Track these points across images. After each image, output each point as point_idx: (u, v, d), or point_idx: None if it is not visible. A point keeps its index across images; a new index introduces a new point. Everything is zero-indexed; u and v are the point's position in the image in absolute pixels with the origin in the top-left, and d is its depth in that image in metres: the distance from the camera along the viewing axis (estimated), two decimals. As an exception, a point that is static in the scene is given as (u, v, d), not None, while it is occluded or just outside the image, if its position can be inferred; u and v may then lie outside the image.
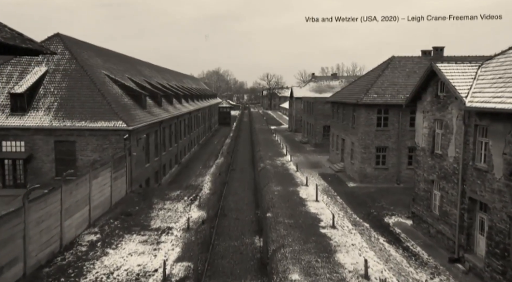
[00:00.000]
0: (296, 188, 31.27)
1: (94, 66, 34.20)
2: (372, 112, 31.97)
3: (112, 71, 38.09)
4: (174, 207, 25.01)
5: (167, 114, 41.13)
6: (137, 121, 30.80)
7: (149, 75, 52.53)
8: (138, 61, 54.78)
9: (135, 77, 44.01)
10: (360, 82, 38.02)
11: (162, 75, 63.65)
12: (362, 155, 32.38)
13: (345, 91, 41.11)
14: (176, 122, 46.57)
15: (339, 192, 29.89)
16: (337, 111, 41.02)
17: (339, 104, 40.13)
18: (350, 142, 35.85)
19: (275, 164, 42.49)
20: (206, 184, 32.12)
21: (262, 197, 27.92)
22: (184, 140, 50.91)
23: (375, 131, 32.13)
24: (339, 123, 40.09)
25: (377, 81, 33.59)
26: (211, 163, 42.97)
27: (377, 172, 32.45)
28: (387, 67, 35.18)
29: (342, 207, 26.00)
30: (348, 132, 36.46)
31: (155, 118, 35.71)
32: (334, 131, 42.62)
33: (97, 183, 22.39)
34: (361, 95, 32.53)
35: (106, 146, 28.58)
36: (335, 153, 41.96)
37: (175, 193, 28.65)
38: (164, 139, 40.19)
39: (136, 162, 30.28)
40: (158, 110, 39.52)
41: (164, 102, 44.79)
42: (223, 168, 35.94)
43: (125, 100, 33.31)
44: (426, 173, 20.09)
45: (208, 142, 65.79)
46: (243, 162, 44.28)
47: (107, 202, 24.03)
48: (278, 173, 37.33)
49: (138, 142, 30.78)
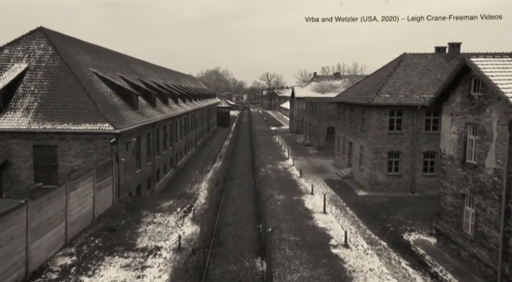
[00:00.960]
0: (300, 197, 28.49)
1: (80, 63, 31.37)
2: (384, 113, 29.19)
3: (102, 69, 35.28)
4: (165, 221, 22.20)
5: (162, 115, 38.35)
6: (126, 123, 28.02)
7: (143, 74, 49.72)
8: (132, 59, 51.94)
9: (128, 75, 41.22)
10: (369, 81, 35.25)
11: (158, 74, 60.84)
12: (372, 161, 29.60)
13: (352, 91, 38.35)
14: (172, 123, 43.80)
15: (349, 202, 27.11)
16: (344, 113, 38.24)
17: (346, 105, 37.36)
18: (358, 146, 33.08)
19: (277, 169, 39.71)
20: (202, 193, 29.33)
21: (264, 208, 25.18)
22: (180, 143, 48.14)
23: (387, 135, 29.35)
24: (346, 125, 37.31)
25: (389, 80, 30.82)
26: (208, 168, 40.21)
27: (389, 179, 29.66)
28: (399, 65, 32.40)
29: (354, 221, 23.21)
30: (356, 135, 33.68)
31: (147, 120, 32.93)
32: (340, 134, 39.84)
33: (76, 195, 19.59)
34: (371, 95, 29.76)
35: (90, 151, 25.79)
36: (341, 157, 39.19)
37: (167, 203, 25.85)
38: (158, 142, 37.42)
39: (125, 168, 27.50)
40: (151, 111, 36.75)
41: (158, 102, 42.01)
42: (221, 175, 33.14)
43: (114, 100, 30.52)
44: (455, 186, 17.32)
45: (206, 144, 63.02)
46: (243, 166, 41.50)
47: (89, 216, 21.23)
48: (280, 180, 34.54)
49: (127, 146, 27.99)
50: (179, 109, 49.21)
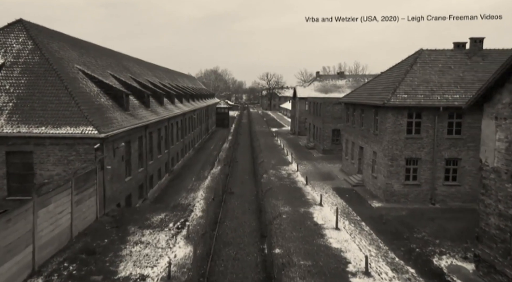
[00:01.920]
0: (308, 209, 25.50)
1: (65, 60, 28.34)
2: (402, 116, 26.19)
3: (90, 66, 32.27)
4: (155, 240, 19.18)
5: (156, 116, 35.35)
6: (114, 126, 25.03)
7: (137, 72, 46.69)
8: (125, 57, 48.89)
9: (120, 73, 38.22)
10: (382, 80, 32.26)
11: (154, 72, 57.82)
12: (388, 169, 26.59)
13: (362, 90, 35.35)
14: (167, 125, 40.82)
15: (363, 216, 24.10)
16: (353, 114, 35.24)
17: (355, 106, 34.37)
18: (371, 151, 30.08)
19: (280, 175, 36.72)
20: (199, 204, 26.30)
21: (268, 223, 22.21)
22: (176, 145, 45.16)
23: (405, 139, 26.35)
24: (355, 128, 34.31)
25: (406, 79, 27.83)
26: (206, 174, 37.18)
27: (406, 189, 26.65)
28: (416, 62, 29.41)
29: (372, 240, 20.20)
30: (368, 140, 30.69)
31: (139, 122, 29.95)
32: (348, 137, 36.85)
33: (48, 212, 16.58)
34: (387, 95, 26.76)
35: (72, 158, 22.78)
36: (349, 163, 36.19)
37: (158, 217, 22.84)
38: (151, 145, 34.43)
39: (112, 176, 24.51)
40: (144, 112, 33.75)
41: (153, 102, 39.02)
42: (219, 183, 30.10)
43: (101, 100, 27.51)
44: (503, 205, 14.35)
45: (205, 146, 60.00)
46: (243, 172, 38.49)
47: (65, 235, 18.21)
48: (284, 188, 31.55)
49: (115, 151, 24.98)
50: (176, 109, 46.23)
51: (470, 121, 25.83)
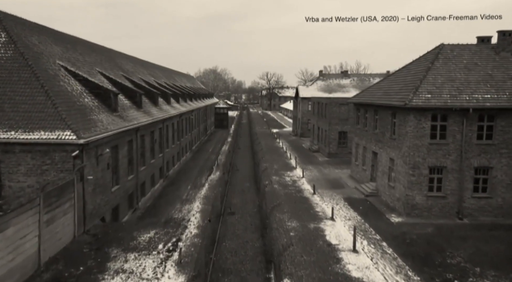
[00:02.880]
0: (319, 225, 22.37)
1: (44, 55, 25.16)
2: (425, 118, 23.06)
3: (75, 62, 29.11)
4: (140, 268, 16.03)
5: (148, 118, 32.23)
6: (97, 130, 21.91)
7: (131, 71, 43.54)
8: (118, 54, 45.69)
9: (110, 71, 35.08)
10: (398, 78, 29.13)
11: (149, 71, 54.67)
12: (409, 178, 23.46)
13: (375, 89, 32.20)
14: (162, 127, 37.70)
15: (383, 234, 20.95)
16: (365, 116, 32.12)
17: (367, 107, 31.24)
18: (386, 157, 26.96)
19: (284, 182, 33.58)
20: (194, 218, 23.13)
21: (274, 242, 19.12)
22: (172, 149, 42.04)
23: (428, 145, 23.23)
24: (368, 131, 31.19)
25: (427, 76, 24.71)
26: (203, 181, 34.01)
27: (430, 201, 23.52)
28: (437, 58, 26.30)
29: (398, 266, 17.04)
30: (384, 145, 27.56)
31: (129, 124, 26.85)
32: (359, 141, 33.72)
33: (5, 238, 13.46)
34: (407, 95, 23.62)
35: (46, 168, 19.66)
36: (360, 169, 33.07)
37: (147, 236, 19.69)
38: (143, 150, 31.32)
39: (94, 187, 21.39)
40: (135, 113, 30.65)
41: (146, 102, 35.93)
42: (219, 195, 26.97)
43: (85, 100, 24.36)
44: None
45: (203, 148, 56.83)
46: (243, 179, 35.34)
47: (31, 263, 15.08)
48: (290, 197, 28.42)
49: (98, 159, 21.86)
50: (171, 110, 43.12)
51: (503, 124, 22.73)
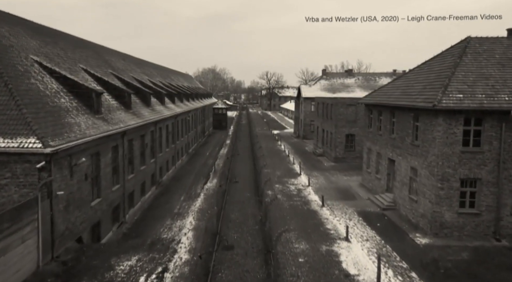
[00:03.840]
0: (332, 247, 19.02)
1: (15, 48, 21.78)
2: (456, 122, 19.73)
3: (54, 58, 25.75)
4: (113, 313, 12.72)
5: (138, 120, 28.94)
6: (73, 135, 18.58)
7: (121, 68, 40.17)
8: (109, 51, 42.26)
9: (97, 68, 31.73)
10: (419, 77, 25.79)
11: (143, 69, 51.28)
12: (437, 192, 20.12)
13: (389, 89, 28.85)
14: (154, 130, 34.41)
15: (410, 260, 17.58)
16: (378, 118, 28.79)
17: (382, 108, 27.92)
18: (407, 166, 23.63)
19: (288, 191, 30.25)
20: (185, 238, 19.75)
21: (280, 272, 15.80)
22: (166, 153, 38.72)
23: (460, 154, 19.90)
24: (383, 136, 27.86)
25: (456, 74, 21.39)
26: (199, 190, 30.62)
27: (461, 219, 20.19)
28: (465, 52, 22.99)
29: (438, 309, 13.77)
30: (403, 151, 24.23)
31: (114, 128, 23.60)
32: (371, 146, 30.38)
33: None
34: (435, 95, 20.29)
35: (5, 182, 16.35)
36: (373, 177, 29.73)
37: (127, 264, 16.34)
38: (131, 156, 28.02)
39: (68, 203, 18.04)
40: (123, 115, 27.35)
41: (137, 103, 32.62)
42: (213, 217, 23.60)
43: (61, 101, 21.00)
44: None
45: (200, 151, 53.44)
46: (243, 188, 31.97)
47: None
48: (296, 210, 25.11)
49: (72, 169, 18.52)
50: (166, 111, 39.82)
51: (549, 129, 19.47)
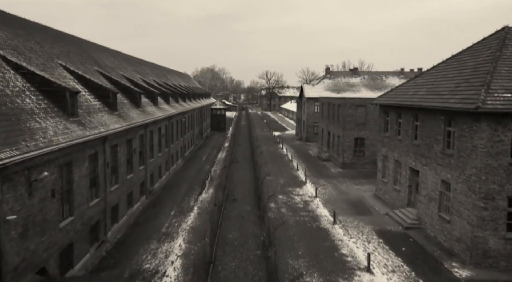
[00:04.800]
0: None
1: (-31, 38, 18.27)
2: (503, 128, 16.17)
3: (25, 52, 22.15)
4: None
5: (124, 123, 25.41)
6: (33, 143, 15.01)
7: (110, 66, 36.56)
8: (96, 46, 38.53)
9: (80, 65, 28.15)
10: (449, 73, 22.17)
11: (136, 67, 47.68)
12: (479, 212, 16.55)
13: (410, 87, 25.23)
14: (144, 133, 30.89)
15: (453, 303, 14.07)
16: (397, 121, 25.23)
17: (402, 110, 24.35)
18: (435, 179, 20.05)
19: (293, 203, 26.65)
20: (172, 269, 16.10)
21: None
22: (158, 158, 35.20)
23: (508, 166, 16.35)
24: (402, 142, 24.27)
25: (498, 69, 17.84)
26: (192, 202, 27.01)
27: (510, 246, 16.64)
28: (504, 44, 19.42)
29: None
30: (431, 161, 20.64)
31: (92, 133, 20.04)
32: (388, 153, 26.80)
33: None
34: (476, 94, 16.71)
35: None
36: (390, 188, 26.15)
37: (95, 310, 12.78)
38: (116, 164, 24.52)
39: (25, 229, 14.45)
40: (106, 118, 23.82)
41: (124, 104, 29.08)
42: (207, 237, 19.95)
43: (26, 101, 17.42)
44: None
45: (196, 154, 49.84)
46: (243, 201, 28.33)
47: None
48: (303, 228, 21.52)
49: (32, 186, 14.93)
50: (158, 112, 36.25)
51: None
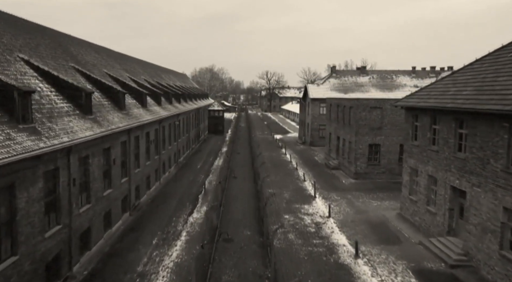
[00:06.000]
0: None
1: None
2: None
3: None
4: None
5: (98, 129, 20.85)
6: None
7: (92, 63, 31.94)
8: (78, 41, 33.53)
9: (50, 60, 23.58)
10: (497, 67, 17.60)
11: (125, 66, 43.02)
12: None
13: (446, 85, 20.58)
14: (127, 140, 26.42)
15: None
16: (431, 127, 20.63)
17: (440, 113, 19.76)
18: (494, 205, 15.41)
19: (302, 227, 22.02)
20: None
21: None
22: (146, 168, 30.72)
23: None
24: (441, 153, 19.63)
25: None
26: (180, 226, 22.28)
27: None
28: None
29: None
30: (486, 181, 15.99)
31: (47, 145, 15.53)
32: (418, 166, 22.18)
33: None
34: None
35: None
36: (421, 209, 21.52)
37: None
38: (86, 179, 20.02)
39: None
40: (73, 124, 19.33)
41: (104, 106, 24.66)
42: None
43: None
44: None
45: (191, 161, 45.22)
46: (242, 220, 23.64)
47: None
48: (318, 265, 16.89)
49: None
50: (147, 115, 31.72)
51: None
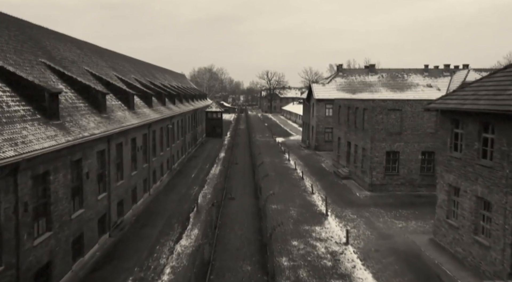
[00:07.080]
0: None
1: None
2: None
3: None
4: None
5: (64, 138, 16.84)
6: None
7: (71, 60, 27.77)
8: (56, 35, 29.20)
9: (12, 54, 19.48)
10: None
11: (112, 63, 38.84)
12: None
13: (501, 84, 16.41)
14: (106, 148, 22.29)
15: None
16: (478, 137, 16.42)
17: (491, 118, 15.57)
18: None
19: (315, 258, 17.74)
20: None
21: None
22: (132, 178, 26.72)
23: None
24: (495, 170, 15.33)
25: None
26: (163, 258, 17.95)
27: None
28: None
29: None
30: None
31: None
32: (459, 182, 17.93)
33: None
34: None
35: None
36: (466, 238, 17.26)
37: None
38: (46, 201, 15.93)
39: None
40: (27, 132, 15.25)
41: (80, 109, 20.64)
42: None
43: None
44: None
45: (186, 168, 40.95)
46: (240, 250, 19.37)
47: None
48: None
49: None
50: (133, 118, 27.70)
51: None
